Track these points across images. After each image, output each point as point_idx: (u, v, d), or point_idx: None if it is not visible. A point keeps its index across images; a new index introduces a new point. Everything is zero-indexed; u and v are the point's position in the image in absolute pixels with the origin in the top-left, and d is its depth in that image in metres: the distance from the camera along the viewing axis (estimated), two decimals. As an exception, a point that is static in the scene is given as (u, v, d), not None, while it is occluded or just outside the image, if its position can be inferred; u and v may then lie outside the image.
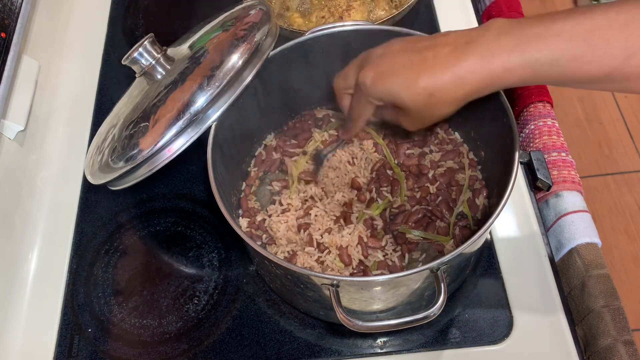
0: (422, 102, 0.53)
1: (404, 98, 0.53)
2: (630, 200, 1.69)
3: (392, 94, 0.54)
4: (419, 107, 0.53)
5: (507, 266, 0.72)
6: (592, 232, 0.73)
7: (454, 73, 0.50)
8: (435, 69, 0.51)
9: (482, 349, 0.67)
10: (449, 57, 0.51)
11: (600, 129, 1.83)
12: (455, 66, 0.50)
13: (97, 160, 0.68)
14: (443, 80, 0.51)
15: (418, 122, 0.57)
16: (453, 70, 0.50)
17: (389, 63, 0.55)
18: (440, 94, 0.52)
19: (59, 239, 0.78)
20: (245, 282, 0.73)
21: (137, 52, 0.67)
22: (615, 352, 0.64)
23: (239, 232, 0.57)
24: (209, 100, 0.62)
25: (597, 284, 0.68)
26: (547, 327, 0.68)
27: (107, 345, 0.69)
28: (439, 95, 0.52)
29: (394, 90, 0.54)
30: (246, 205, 0.73)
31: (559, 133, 0.81)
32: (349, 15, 0.90)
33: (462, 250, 0.54)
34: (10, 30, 0.75)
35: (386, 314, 0.64)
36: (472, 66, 0.50)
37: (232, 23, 0.68)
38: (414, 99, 0.53)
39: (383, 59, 0.56)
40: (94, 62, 0.96)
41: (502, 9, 0.95)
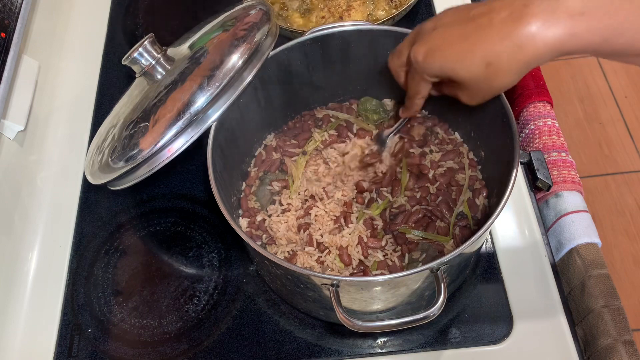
0: (480, 74, 0.49)
1: (460, 72, 0.50)
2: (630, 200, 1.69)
3: (447, 69, 0.51)
4: (477, 79, 0.50)
5: (507, 266, 0.72)
6: (592, 232, 0.73)
7: (512, 39, 0.46)
8: (491, 36, 0.47)
9: (482, 349, 0.67)
10: (506, 22, 0.47)
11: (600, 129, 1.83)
12: (513, 32, 0.46)
13: (97, 160, 0.68)
14: (501, 49, 0.47)
15: (478, 96, 0.53)
16: (511, 36, 0.46)
17: (441, 36, 0.52)
18: (498, 63, 0.48)
19: (59, 239, 0.78)
20: (245, 282, 0.73)
21: (137, 52, 0.67)
22: (615, 352, 0.64)
23: (239, 232, 0.57)
24: (209, 100, 0.62)
25: (597, 284, 0.68)
26: (547, 327, 0.68)
27: (107, 345, 0.69)
28: (498, 65, 0.48)
29: (448, 65, 0.51)
30: (246, 205, 0.73)
31: (559, 133, 0.81)
32: (349, 15, 0.90)
33: (462, 250, 0.54)
34: (10, 30, 0.75)
35: (386, 314, 0.64)
36: (533, 31, 0.45)
37: (232, 23, 0.68)
38: (471, 72, 0.50)
39: (435, 32, 0.52)
40: (94, 62, 0.96)
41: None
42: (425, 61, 0.53)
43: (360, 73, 0.76)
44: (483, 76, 0.49)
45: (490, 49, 0.48)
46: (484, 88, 0.51)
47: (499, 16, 0.47)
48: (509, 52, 0.47)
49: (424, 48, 0.53)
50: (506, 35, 0.47)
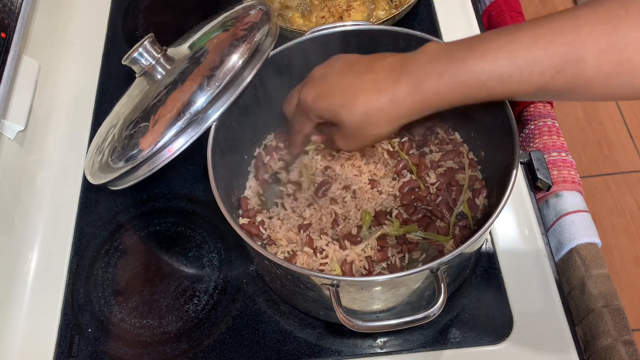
0: (359, 121, 0.56)
1: (342, 116, 0.56)
2: (630, 200, 1.69)
3: (331, 112, 0.57)
4: (355, 125, 0.56)
5: (507, 266, 0.72)
6: (592, 232, 0.73)
7: (388, 96, 0.53)
8: (372, 91, 0.54)
9: (482, 349, 0.67)
10: (386, 81, 0.54)
11: (600, 129, 1.83)
12: (389, 90, 0.53)
13: (97, 160, 0.68)
14: (379, 102, 0.54)
15: (353, 142, 0.60)
16: (387, 93, 0.53)
17: (329, 84, 0.58)
18: (375, 115, 0.55)
19: (59, 239, 0.78)
20: (245, 282, 0.73)
21: (137, 52, 0.67)
22: (615, 352, 0.64)
23: (239, 232, 0.57)
24: (209, 100, 0.62)
25: (597, 284, 0.68)
26: (547, 327, 0.68)
27: (107, 345, 0.69)
28: (375, 116, 0.55)
29: (332, 109, 0.57)
30: (246, 205, 0.73)
31: (559, 133, 0.81)
32: (349, 15, 0.90)
33: (462, 250, 0.54)
34: (10, 30, 0.75)
35: (386, 314, 0.64)
36: (405, 90, 0.53)
37: (232, 23, 0.68)
38: (352, 118, 0.56)
39: (324, 79, 0.59)
40: (94, 62, 0.96)
41: (502, 8, 0.95)
42: (313, 103, 0.58)
43: (360, 73, 0.76)
44: (361, 123, 0.56)
45: (369, 101, 0.54)
46: (360, 134, 0.57)
47: (380, 74, 0.55)
48: (383, 106, 0.54)
49: (313, 91, 0.59)
50: (383, 92, 0.54)
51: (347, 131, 0.58)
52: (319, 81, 0.59)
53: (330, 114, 0.58)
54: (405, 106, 0.53)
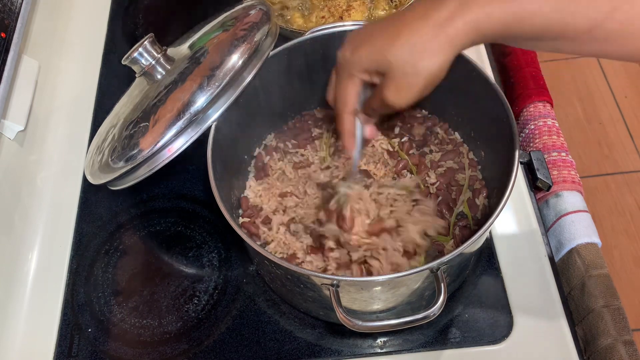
0: (406, 56, 0.51)
1: (388, 55, 0.52)
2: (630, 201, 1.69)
3: (375, 55, 0.53)
4: (403, 61, 0.51)
5: (507, 266, 0.72)
6: (592, 232, 0.73)
7: (434, 20, 0.49)
8: (414, 20, 0.51)
9: (482, 349, 0.67)
10: (427, 9, 0.50)
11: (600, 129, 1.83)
12: (434, 14, 0.49)
13: (97, 160, 0.68)
14: (423, 30, 0.50)
15: (405, 87, 0.53)
16: (432, 17, 0.49)
17: (367, 33, 0.54)
18: (422, 43, 0.50)
19: (59, 239, 0.78)
20: (245, 282, 0.73)
21: (137, 52, 0.67)
22: (615, 352, 0.64)
23: (239, 232, 0.57)
24: (209, 100, 0.62)
25: (597, 284, 0.68)
26: (547, 327, 0.68)
27: (107, 345, 0.69)
28: (422, 44, 0.50)
29: (375, 50, 0.53)
30: (246, 205, 0.73)
31: (559, 133, 0.81)
32: (349, 15, 0.90)
33: (462, 250, 0.54)
34: (10, 30, 0.75)
35: (386, 314, 0.64)
36: (452, 11, 0.49)
37: (232, 23, 0.68)
38: (398, 54, 0.51)
39: (360, 33, 0.55)
40: (94, 62, 0.96)
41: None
42: (353, 55, 0.54)
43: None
44: (409, 57, 0.51)
45: (414, 31, 0.50)
46: (410, 73, 0.52)
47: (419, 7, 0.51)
48: (431, 31, 0.49)
49: (350, 46, 0.55)
50: (428, 17, 0.50)
51: (395, 73, 0.52)
52: (354, 36, 0.55)
53: (374, 58, 0.53)
54: (455, 29, 0.49)
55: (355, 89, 0.57)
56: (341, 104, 0.59)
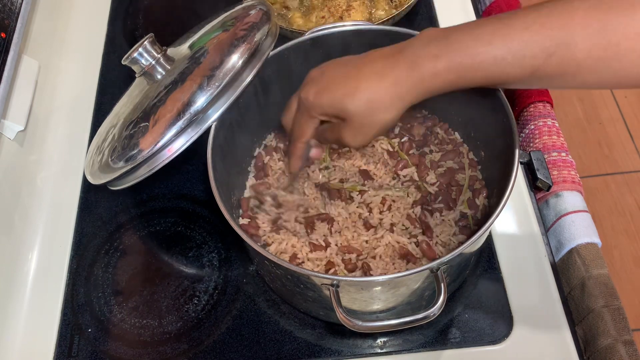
0: (364, 108, 0.56)
1: (347, 105, 0.56)
2: (630, 200, 1.69)
3: (335, 103, 0.57)
4: (361, 114, 0.56)
5: (507, 266, 0.72)
6: (592, 232, 0.73)
7: (388, 79, 0.54)
8: (373, 77, 0.55)
9: (482, 349, 0.67)
10: (384, 67, 0.55)
11: (600, 129, 1.83)
12: (388, 73, 0.54)
13: (97, 160, 0.68)
14: (380, 86, 0.55)
15: (360, 134, 0.59)
16: (387, 77, 0.54)
17: (328, 78, 0.59)
18: (379, 99, 0.55)
19: (59, 239, 0.78)
20: (245, 282, 0.73)
21: (137, 52, 0.67)
22: (615, 352, 0.64)
23: (239, 232, 0.57)
24: (209, 100, 0.62)
25: (597, 284, 0.68)
26: (547, 327, 0.68)
27: (107, 345, 0.69)
28: (378, 100, 0.55)
29: (336, 99, 0.57)
30: (246, 205, 0.73)
31: (559, 133, 0.81)
32: (349, 15, 0.90)
33: (462, 250, 0.54)
34: (10, 30, 0.75)
35: (386, 314, 0.64)
36: (403, 72, 0.54)
37: (232, 23, 0.68)
38: (356, 106, 0.56)
39: (322, 76, 0.59)
40: (94, 62, 0.96)
41: (502, 8, 0.95)
42: (316, 98, 0.58)
43: (360, 73, 0.76)
44: (366, 110, 0.56)
45: (371, 86, 0.55)
46: (366, 123, 0.57)
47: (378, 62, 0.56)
48: (385, 90, 0.55)
49: (314, 89, 0.59)
50: (383, 76, 0.55)
51: (353, 122, 0.57)
52: (318, 79, 0.60)
53: (334, 106, 0.58)
54: (405, 88, 0.54)
55: (313, 126, 0.62)
56: (298, 135, 0.64)
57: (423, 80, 0.53)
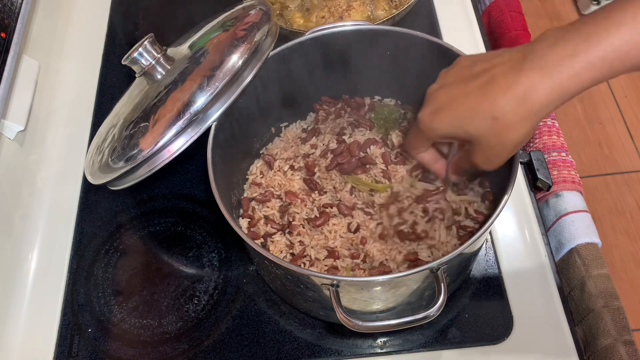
0: (488, 130, 0.50)
1: (468, 128, 0.50)
2: (630, 200, 1.69)
3: (455, 127, 0.52)
4: (486, 135, 0.50)
5: (507, 266, 0.72)
6: (592, 232, 0.73)
7: (514, 92, 0.47)
8: (494, 91, 0.48)
9: (482, 348, 0.67)
10: (507, 77, 0.48)
11: (600, 129, 1.83)
12: (514, 85, 0.47)
13: (97, 160, 0.68)
14: (504, 102, 0.48)
15: (494, 156, 0.53)
16: (513, 89, 0.47)
17: (445, 95, 0.52)
18: (504, 117, 0.48)
19: (59, 239, 0.78)
20: (245, 282, 0.73)
21: (137, 52, 0.67)
22: (615, 352, 0.64)
23: (239, 232, 0.57)
24: (209, 100, 0.62)
25: (597, 284, 0.68)
26: (547, 327, 0.68)
27: (107, 345, 0.69)
28: (504, 118, 0.48)
29: (456, 122, 0.51)
30: (247, 205, 0.73)
31: (559, 133, 0.81)
32: (349, 15, 0.90)
33: (462, 250, 0.54)
34: (10, 30, 0.75)
35: (386, 314, 0.64)
36: (533, 81, 0.47)
37: (232, 23, 0.68)
38: (478, 128, 0.50)
39: (439, 92, 0.53)
40: (94, 62, 0.96)
41: (502, 8, 0.95)
42: (432, 121, 0.53)
43: (360, 73, 0.76)
44: (492, 132, 0.50)
45: (494, 103, 0.48)
46: (496, 145, 0.51)
47: (499, 71, 0.49)
48: (512, 105, 0.48)
49: (430, 109, 0.53)
50: (508, 89, 0.47)
51: (481, 146, 0.51)
52: (434, 96, 0.54)
53: (454, 130, 0.52)
54: (537, 99, 0.47)
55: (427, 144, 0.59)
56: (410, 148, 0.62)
57: (562, 86, 0.46)
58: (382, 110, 0.77)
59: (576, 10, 2.05)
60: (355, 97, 0.79)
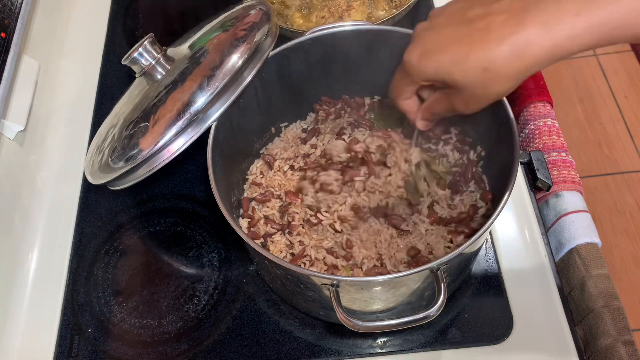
0: (477, 79, 0.47)
1: (456, 75, 0.48)
2: (630, 200, 1.69)
3: (442, 71, 0.49)
4: (473, 84, 0.48)
5: (507, 266, 0.72)
6: (592, 232, 0.73)
7: (511, 45, 0.45)
8: (489, 41, 0.46)
9: (482, 349, 0.67)
10: (504, 27, 0.45)
11: (600, 129, 1.83)
12: (511, 37, 0.45)
13: (97, 160, 0.68)
14: (499, 53, 0.45)
15: (473, 103, 0.51)
16: (510, 41, 0.45)
17: (436, 37, 0.50)
18: (496, 69, 0.46)
19: (59, 239, 0.78)
20: (245, 282, 0.73)
21: (137, 52, 0.67)
22: (615, 352, 0.64)
23: (239, 232, 0.57)
24: (209, 100, 0.62)
25: (597, 284, 0.68)
26: (547, 327, 0.68)
27: (107, 345, 0.69)
28: (495, 70, 0.46)
29: (444, 67, 0.49)
30: (247, 205, 0.73)
31: (559, 133, 0.81)
32: (349, 15, 0.90)
33: (462, 250, 0.54)
34: (10, 30, 0.75)
35: (386, 314, 0.64)
36: (532, 36, 0.44)
37: (232, 23, 0.68)
38: (467, 75, 0.48)
39: (429, 32, 0.51)
40: (94, 62, 0.96)
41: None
42: (420, 62, 0.51)
43: (360, 73, 0.76)
44: (479, 81, 0.48)
45: (487, 53, 0.46)
46: (479, 94, 0.49)
47: (497, 19, 0.46)
48: (506, 58, 0.46)
49: (418, 50, 0.51)
50: (504, 40, 0.45)
51: (463, 93, 0.50)
52: (423, 36, 0.51)
53: (440, 74, 0.50)
54: (532, 55, 0.45)
55: (412, 89, 0.56)
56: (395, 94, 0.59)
57: (556, 45, 0.44)
58: (382, 110, 0.77)
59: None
60: (355, 97, 0.79)
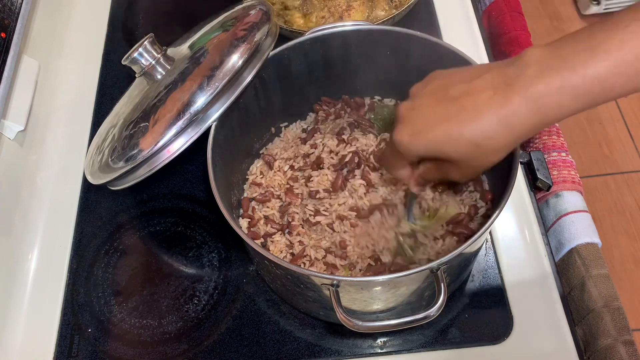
0: (470, 154, 0.49)
1: (449, 152, 0.50)
2: (630, 200, 1.69)
3: (435, 149, 0.51)
4: (466, 159, 0.50)
5: (507, 266, 0.72)
6: (592, 232, 0.73)
7: (501, 121, 0.46)
8: (478, 118, 0.47)
9: (482, 349, 0.67)
10: (491, 104, 0.47)
11: (600, 129, 1.83)
12: (500, 112, 0.46)
13: (97, 160, 0.68)
14: (489, 129, 0.47)
15: (470, 173, 0.54)
16: (499, 118, 0.46)
17: (423, 117, 0.51)
18: (488, 143, 0.48)
19: (59, 239, 0.78)
20: (245, 282, 0.73)
21: (137, 52, 0.67)
22: (615, 352, 0.64)
23: (239, 232, 0.57)
24: (209, 100, 0.62)
25: (597, 284, 0.68)
26: (547, 327, 0.68)
27: (107, 345, 0.69)
28: (487, 145, 0.48)
29: (436, 145, 0.50)
30: (247, 205, 0.73)
31: (559, 133, 0.81)
32: (349, 15, 0.90)
33: (462, 250, 0.54)
34: (10, 30, 0.75)
35: (386, 314, 0.64)
36: (521, 110, 0.46)
37: (232, 23, 0.68)
38: (460, 152, 0.49)
39: (415, 112, 0.51)
40: (94, 62, 0.96)
41: (502, 8, 0.95)
42: (411, 143, 0.51)
43: (360, 73, 0.76)
44: (473, 156, 0.49)
45: (478, 130, 0.47)
46: (474, 165, 0.51)
47: (481, 97, 0.47)
48: (497, 132, 0.47)
49: (407, 130, 0.52)
50: (493, 117, 0.47)
51: (459, 164, 0.51)
52: (410, 117, 0.52)
53: (433, 152, 0.51)
54: (523, 126, 0.46)
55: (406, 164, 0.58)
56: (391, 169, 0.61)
57: (546, 116, 0.46)
58: (382, 111, 0.77)
59: (576, 11, 2.05)
60: (355, 97, 0.79)
